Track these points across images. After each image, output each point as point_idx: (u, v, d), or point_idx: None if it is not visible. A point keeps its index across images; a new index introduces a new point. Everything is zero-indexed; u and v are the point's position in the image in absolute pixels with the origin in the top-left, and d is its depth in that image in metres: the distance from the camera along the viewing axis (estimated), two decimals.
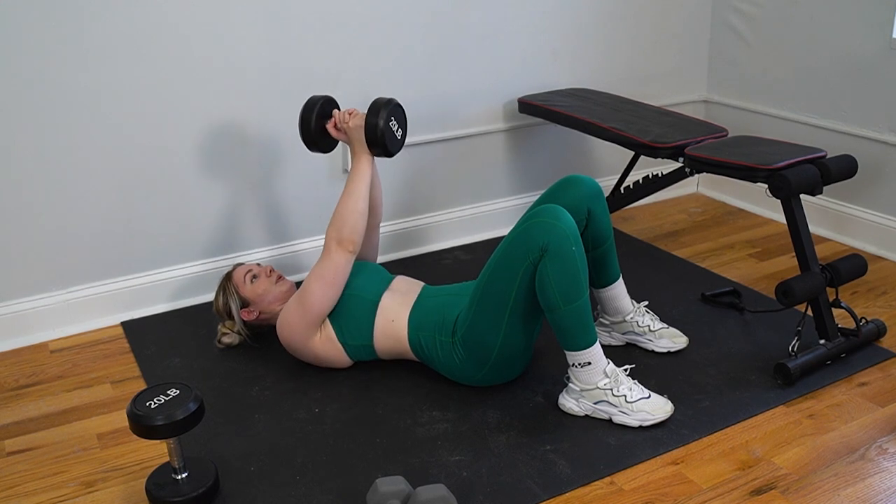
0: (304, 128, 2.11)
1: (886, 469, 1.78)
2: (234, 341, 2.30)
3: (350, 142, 2.10)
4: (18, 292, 2.37)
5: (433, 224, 2.95)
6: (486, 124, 2.95)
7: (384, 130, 1.98)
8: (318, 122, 2.12)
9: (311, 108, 2.11)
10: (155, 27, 2.30)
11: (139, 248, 2.49)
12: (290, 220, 2.70)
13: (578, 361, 1.91)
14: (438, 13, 2.72)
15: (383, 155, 2.03)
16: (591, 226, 2.12)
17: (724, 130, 2.47)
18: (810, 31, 2.95)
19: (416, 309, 2.09)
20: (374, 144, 2.00)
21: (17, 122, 2.21)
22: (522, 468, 1.79)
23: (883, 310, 2.46)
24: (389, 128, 2.00)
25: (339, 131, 2.12)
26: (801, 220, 2.16)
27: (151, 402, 1.63)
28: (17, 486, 1.79)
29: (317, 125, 2.12)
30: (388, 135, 2.00)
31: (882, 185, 2.82)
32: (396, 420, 1.97)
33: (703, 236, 3.06)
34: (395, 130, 2.02)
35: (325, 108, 2.13)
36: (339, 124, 2.11)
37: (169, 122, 2.40)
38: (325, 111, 2.13)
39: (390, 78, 2.70)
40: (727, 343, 2.28)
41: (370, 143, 2.01)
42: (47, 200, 2.31)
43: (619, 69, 3.17)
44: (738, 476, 1.77)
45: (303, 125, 2.11)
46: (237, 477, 1.79)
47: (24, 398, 2.13)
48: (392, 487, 1.59)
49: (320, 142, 2.15)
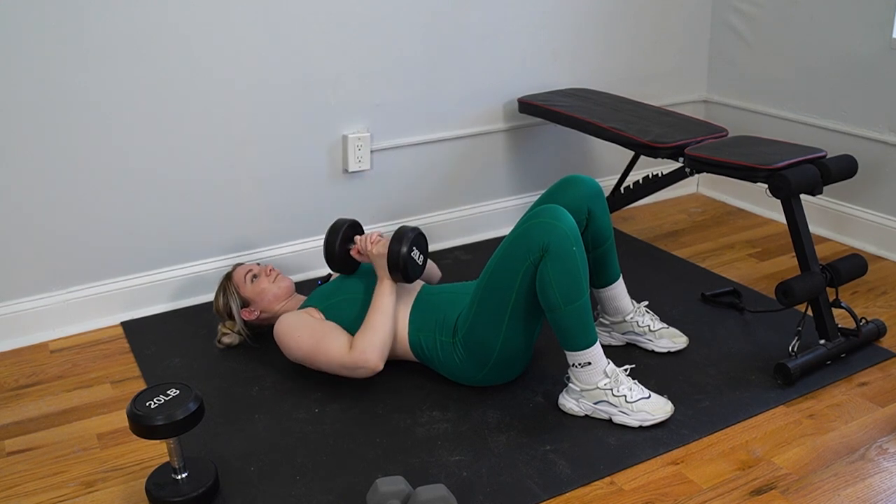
0: (329, 252, 2.18)
1: (886, 469, 1.78)
2: (234, 341, 2.30)
3: (373, 265, 2.13)
4: (18, 292, 2.37)
5: (433, 224, 2.95)
6: (486, 124, 2.95)
7: (406, 259, 2.03)
8: (341, 246, 2.19)
9: (335, 232, 2.18)
10: (155, 27, 2.30)
11: (139, 248, 2.49)
12: (290, 220, 2.70)
13: (578, 361, 1.91)
14: (438, 13, 2.72)
15: (403, 281, 2.07)
16: (592, 226, 2.12)
17: (724, 130, 2.47)
18: (810, 31, 2.95)
19: (415, 309, 2.09)
20: (396, 271, 2.05)
21: (17, 122, 2.21)
22: (522, 468, 1.79)
23: (883, 310, 2.46)
24: (412, 257, 2.05)
25: (363, 255, 2.16)
26: (801, 220, 2.16)
27: (151, 402, 1.63)
28: (17, 486, 1.79)
29: (340, 249, 2.18)
30: (410, 263, 2.05)
31: (882, 185, 2.82)
32: (396, 420, 1.97)
33: (703, 236, 3.06)
34: (416, 258, 2.08)
35: (349, 232, 2.20)
36: (361, 251, 2.14)
37: (169, 121, 2.40)
38: (349, 235, 2.20)
39: (390, 78, 2.70)
40: (727, 343, 2.28)
41: (391, 269, 2.05)
42: (47, 200, 2.31)
43: (619, 69, 3.17)
44: (738, 476, 1.77)
45: (327, 250, 2.18)
46: (237, 477, 1.79)
47: (24, 398, 2.13)
48: (392, 487, 1.59)
49: (343, 265, 2.21)
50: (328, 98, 2.62)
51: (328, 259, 2.20)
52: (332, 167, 2.70)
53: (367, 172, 2.76)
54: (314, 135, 2.64)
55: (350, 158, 2.68)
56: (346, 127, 2.68)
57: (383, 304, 2.04)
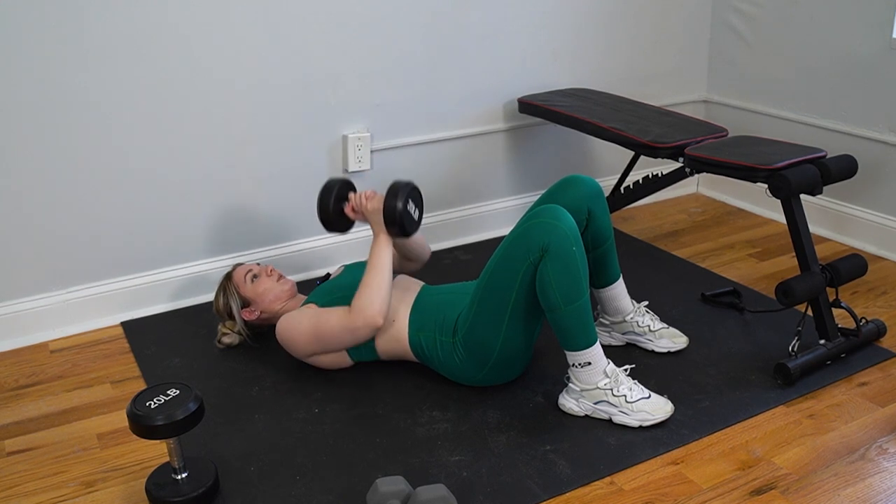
0: (323, 211, 2.15)
1: (886, 469, 1.78)
2: (234, 341, 2.30)
3: (368, 222, 2.12)
4: (18, 292, 2.37)
5: (433, 224, 2.95)
6: (486, 124, 2.95)
7: (403, 214, 2.01)
8: (335, 205, 2.16)
9: (329, 191, 2.15)
10: (155, 27, 2.30)
11: (139, 248, 2.49)
12: (291, 220, 2.70)
13: (578, 361, 1.91)
14: (438, 13, 2.72)
15: (401, 236, 2.06)
16: (592, 226, 2.12)
17: (724, 130, 2.47)
18: (810, 31, 2.95)
19: (416, 308, 2.09)
20: (393, 225, 2.03)
21: (17, 123, 2.21)
22: (522, 468, 1.79)
23: (883, 310, 2.46)
24: (408, 211, 2.04)
25: (358, 213, 2.15)
26: (801, 220, 2.16)
27: (151, 402, 1.63)
28: (17, 486, 1.79)
29: (335, 208, 2.16)
30: (406, 217, 2.03)
31: (882, 185, 2.82)
32: (396, 420, 1.97)
33: (703, 236, 3.06)
34: (412, 212, 2.06)
35: (343, 190, 2.17)
36: (356, 207, 2.13)
37: (169, 121, 2.40)
38: (342, 194, 2.17)
39: (390, 78, 2.70)
40: (727, 343, 2.28)
41: (388, 224, 2.03)
42: (47, 200, 2.31)
43: (619, 69, 3.17)
44: (738, 476, 1.77)
45: (321, 208, 2.15)
46: (237, 477, 1.79)
47: (24, 398, 2.13)
48: (392, 487, 1.59)
49: (337, 223, 2.19)
50: (328, 98, 2.62)
51: (323, 218, 2.16)
52: (332, 167, 2.70)
53: (367, 172, 2.76)
54: (314, 135, 2.64)
55: (350, 158, 2.69)
56: (346, 127, 2.68)
57: (380, 260, 2.03)
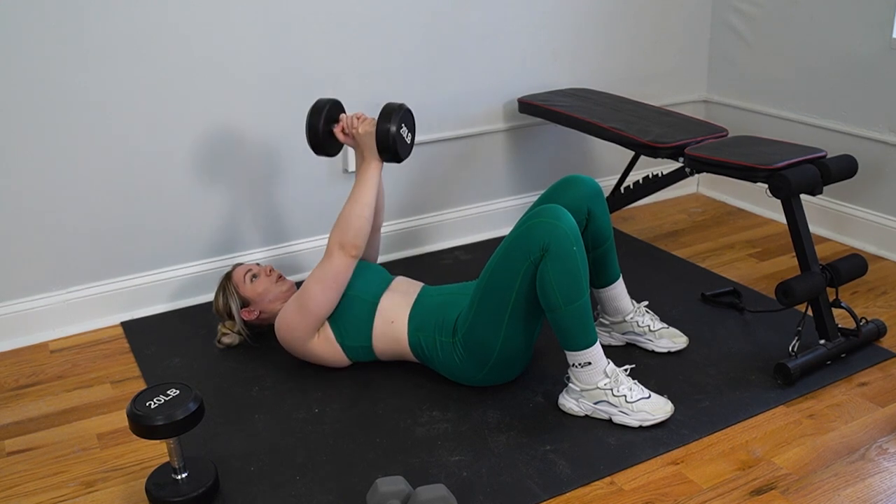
0: (312, 132, 2.08)
1: (886, 469, 1.78)
2: (234, 341, 2.30)
3: (358, 147, 2.08)
4: (18, 292, 2.37)
5: (433, 224, 2.95)
6: (486, 124, 2.95)
7: (396, 137, 1.95)
8: (325, 126, 2.08)
9: (318, 112, 2.07)
10: (155, 27, 2.30)
11: (139, 248, 2.49)
12: (290, 220, 2.70)
13: (578, 361, 1.91)
14: (438, 13, 2.72)
15: (393, 161, 1.99)
16: (592, 226, 2.12)
17: (724, 130, 2.47)
18: (810, 31, 2.95)
19: (415, 309, 2.08)
20: (386, 150, 1.97)
21: (17, 123, 2.21)
22: (522, 468, 1.79)
23: (883, 310, 2.46)
24: (401, 134, 1.97)
25: (347, 136, 2.10)
26: (801, 220, 2.16)
27: (151, 402, 1.63)
28: (17, 486, 1.79)
29: (324, 129, 2.08)
30: (399, 141, 1.97)
31: (882, 185, 2.82)
32: (396, 420, 1.97)
33: (703, 236, 3.06)
34: (405, 136, 1.99)
35: (333, 112, 2.10)
36: (347, 129, 2.08)
37: (169, 121, 2.40)
38: (332, 115, 2.10)
39: (390, 78, 2.70)
40: (727, 343, 2.28)
41: (381, 150, 1.97)
42: (47, 200, 2.31)
43: (619, 69, 3.17)
44: (738, 476, 1.77)
45: (310, 129, 2.08)
46: (237, 477, 1.79)
47: (24, 398, 2.13)
48: (392, 487, 1.59)
49: (327, 146, 2.11)
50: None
51: (312, 141, 2.08)
52: (332, 167, 2.70)
53: None
54: None
55: (350, 158, 2.68)
56: None
57: (365, 188, 2.00)
